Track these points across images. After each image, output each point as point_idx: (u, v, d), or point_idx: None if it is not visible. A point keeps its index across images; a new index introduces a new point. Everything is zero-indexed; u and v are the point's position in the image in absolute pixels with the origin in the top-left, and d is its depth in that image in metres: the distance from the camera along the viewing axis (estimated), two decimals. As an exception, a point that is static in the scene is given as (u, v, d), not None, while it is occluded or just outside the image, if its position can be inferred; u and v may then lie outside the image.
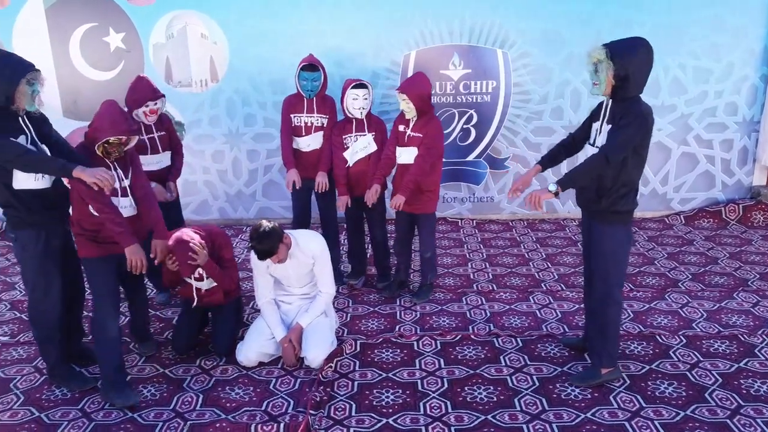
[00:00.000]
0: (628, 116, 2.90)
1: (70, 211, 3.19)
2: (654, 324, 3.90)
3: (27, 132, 3.00)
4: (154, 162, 4.08)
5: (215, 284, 3.62)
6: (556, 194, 3.00)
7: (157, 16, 5.60)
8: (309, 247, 3.53)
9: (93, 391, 3.28)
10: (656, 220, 5.95)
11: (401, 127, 4.08)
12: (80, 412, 3.12)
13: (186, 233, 3.45)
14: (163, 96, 4.07)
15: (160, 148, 4.10)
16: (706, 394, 3.14)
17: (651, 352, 3.56)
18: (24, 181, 3.00)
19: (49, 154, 3.05)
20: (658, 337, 3.72)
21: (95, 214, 3.05)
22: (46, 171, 2.97)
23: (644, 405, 3.06)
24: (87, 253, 3.16)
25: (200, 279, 3.55)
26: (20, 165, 2.91)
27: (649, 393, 3.16)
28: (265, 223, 3.34)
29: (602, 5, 5.48)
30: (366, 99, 4.11)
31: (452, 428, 2.92)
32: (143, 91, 3.94)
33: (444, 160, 5.78)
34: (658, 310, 4.09)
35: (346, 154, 4.21)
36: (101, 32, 5.64)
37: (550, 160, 3.39)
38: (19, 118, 2.98)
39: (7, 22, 5.61)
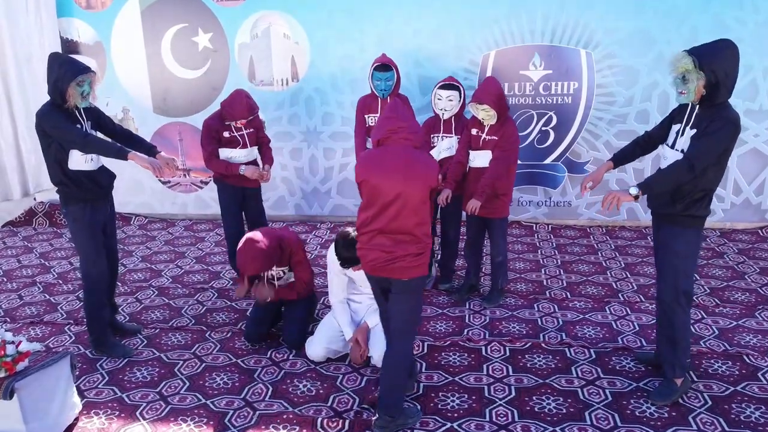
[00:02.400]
0: (717, 122, 2.79)
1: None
2: (741, 343, 3.65)
3: (81, 123, 3.45)
4: (243, 155, 4.38)
5: (290, 281, 3.76)
6: (636, 198, 2.89)
7: (243, 17, 5.79)
8: None
9: (170, 375, 3.44)
10: (748, 232, 5.57)
11: (474, 131, 4.03)
12: (158, 395, 3.28)
13: (256, 237, 3.55)
14: (256, 112, 4.35)
15: (248, 144, 4.40)
16: (798, 423, 2.91)
17: (737, 372, 3.34)
18: (77, 163, 3.43)
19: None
20: (745, 357, 3.48)
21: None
22: (104, 152, 3.41)
23: (727, 429, 2.88)
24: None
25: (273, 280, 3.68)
26: (82, 146, 3.34)
27: (732, 416, 2.96)
28: (353, 232, 3.16)
29: (700, 2, 5.19)
30: (451, 101, 4.09)
31: (518, 438, 2.87)
32: (240, 110, 4.22)
33: (520, 162, 5.72)
34: (746, 329, 3.83)
35: (433, 152, 4.21)
36: (191, 32, 5.90)
37: (622, 157, 3.31)
38: (75, 112, 3.43)
39: (107, 23, 5.98)
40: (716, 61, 2.76)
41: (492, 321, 4.01)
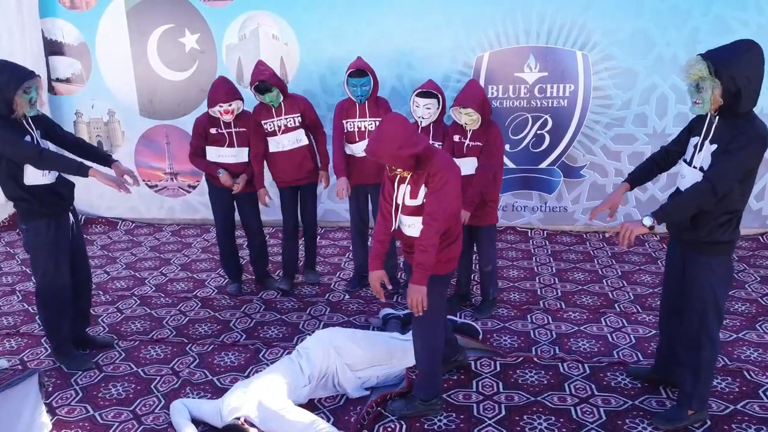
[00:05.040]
0: (742, 138, 2.49)
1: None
2: (742, 357, 3.51)
3: (31, 133, 3.26)
4: (230, 155, 4.27)
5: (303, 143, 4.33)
6: (652, 228, 2.59)
7: (231, 18, 5.65)
8: None
9: (146, 392, 3.31)
10: (749, 239, 5.42)
11: (457, 138, 3.88)
12: (132, 413, 3.13)
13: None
14: (239, 99, 4.19)
15: (236, 143, 4.25)
16: (801, 445, 2.78)
17: (737, 389, 3.20)
18: (33, 177, 3.26)
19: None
20: (746, 372, 3.34)
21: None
22: (63, 169, 3.27)
23: (726, 452, 2.75)
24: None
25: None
26: (38, 162, 3.18)
27: (732, 438, 2.83)
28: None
29: (701, 2, 5.03)
30: (428, 109, 3.89)
31: (507, 461, 2.73)
32: (215, 93, 4.12)
33: (515, 166, 5.61)
34: (747, 342, 3.69)
35: None
36: (177, 33, 5.76)
37: (639, 177, 3.03)
38: (24, 122, 3.21)
39: (91, 24, 5.83)
40: (735, 66, 2.46)
41: (483, 333, 3.86)
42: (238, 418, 2.85)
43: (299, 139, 4.33)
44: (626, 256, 5.13)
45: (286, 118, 4.26)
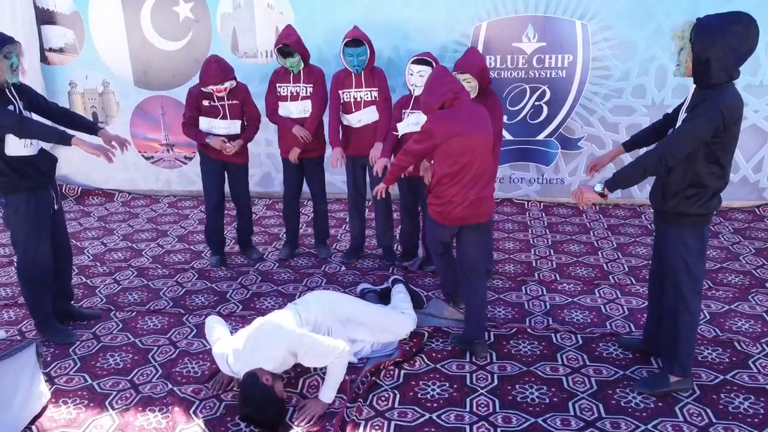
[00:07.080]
0: (701, 108, 2.53)
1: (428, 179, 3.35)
2: (733, 328, 3.54)
3: (14, 103, 3.19)
4: (222, 127, 4.25)
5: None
6: (603, 196, 2.69)
7: (225, -14, 5.57)
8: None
9: (144, 362, 3.34)
10: (745, 211, 5.43)
11: None
12: (129, 383, 3.18)
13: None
14: (231, 78, 4.16)
15: (228, 115, 4.23)
16: (788, 414, 2.82)
17: (727, 360, 3.23)
18: (15, 147, 3.20)
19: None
20: (736, 343, 3.38)
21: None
22: (45, 138, 3.21)
23: (714, 420, 2.78)
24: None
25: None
26: (19, 131, 3.12)
27: (721, 407, 2.87)
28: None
29: (701, -29, 4.95)
30: (422, 76, 3.83)
31: (498, 429, 2.77)
32: (206, 75, 4.11)
33: (512, 138, 5.58)
34: (739, 313, 3.72)
35: (399, 125, 4.03)
36: (171, 2, 5.67)
37: (636, 142, 3.09)
38: (6, 90, 3.14)
39: (83, -8, 5.75)
40: (711, 35, 2.45)
41: (478, 304, 3.89)
42: (256, 376, 2.80)
43: (307, 109, 4.30)
44: (622, 227, 5.14)
45: (300, 86, 4.26)
